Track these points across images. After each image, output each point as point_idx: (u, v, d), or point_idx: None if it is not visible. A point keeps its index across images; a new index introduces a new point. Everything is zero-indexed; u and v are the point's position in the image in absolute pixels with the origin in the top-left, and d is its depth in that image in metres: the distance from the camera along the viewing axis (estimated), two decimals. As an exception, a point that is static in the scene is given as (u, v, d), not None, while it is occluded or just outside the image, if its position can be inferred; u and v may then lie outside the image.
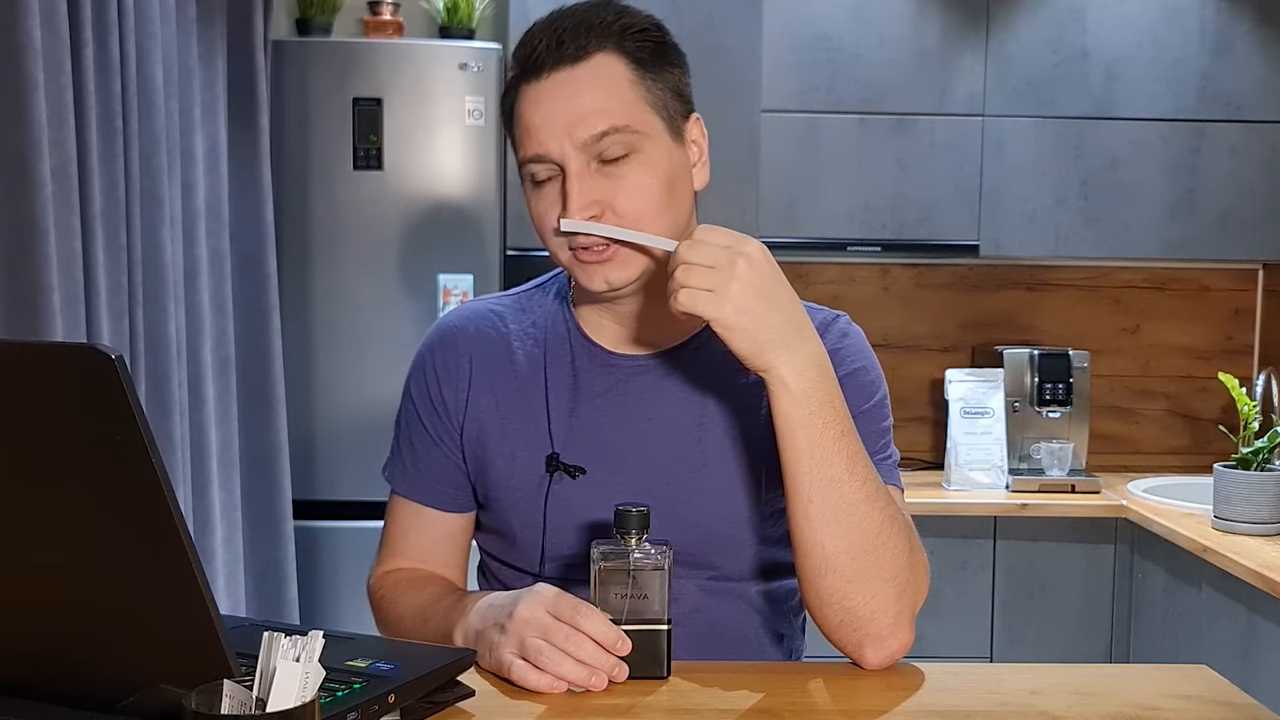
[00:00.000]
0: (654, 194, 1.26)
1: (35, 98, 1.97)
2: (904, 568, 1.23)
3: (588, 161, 1.25)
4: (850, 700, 1.17)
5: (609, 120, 1.24)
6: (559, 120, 1.24)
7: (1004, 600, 3.22)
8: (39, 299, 2.00)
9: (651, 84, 1.28)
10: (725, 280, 1.16)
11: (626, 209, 1.25)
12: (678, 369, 1.37)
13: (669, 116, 1.29)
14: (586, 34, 1.25)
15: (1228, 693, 1.19)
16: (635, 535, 1.18)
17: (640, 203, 1.26)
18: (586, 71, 1.25)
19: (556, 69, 1.25)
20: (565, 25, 1.26)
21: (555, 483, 1.34)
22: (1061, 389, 3.37)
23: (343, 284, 3.07)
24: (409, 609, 1.36)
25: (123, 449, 0.87)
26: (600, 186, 1.25)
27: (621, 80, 1.26)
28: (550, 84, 1.25)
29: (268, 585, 2.94)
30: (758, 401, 1.35)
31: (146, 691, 0.93)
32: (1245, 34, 3.36)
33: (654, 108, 1.27)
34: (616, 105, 1.25)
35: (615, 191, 1.25)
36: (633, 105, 1.26)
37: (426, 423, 1.41)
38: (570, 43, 1.25)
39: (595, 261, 1.27)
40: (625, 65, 1.27)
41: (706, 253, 1.17)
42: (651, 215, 1.26)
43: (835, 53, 3.33)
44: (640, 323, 1.37)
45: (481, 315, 1.43)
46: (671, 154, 1.29)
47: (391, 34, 3.23)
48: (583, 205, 1.24)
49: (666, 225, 1.28)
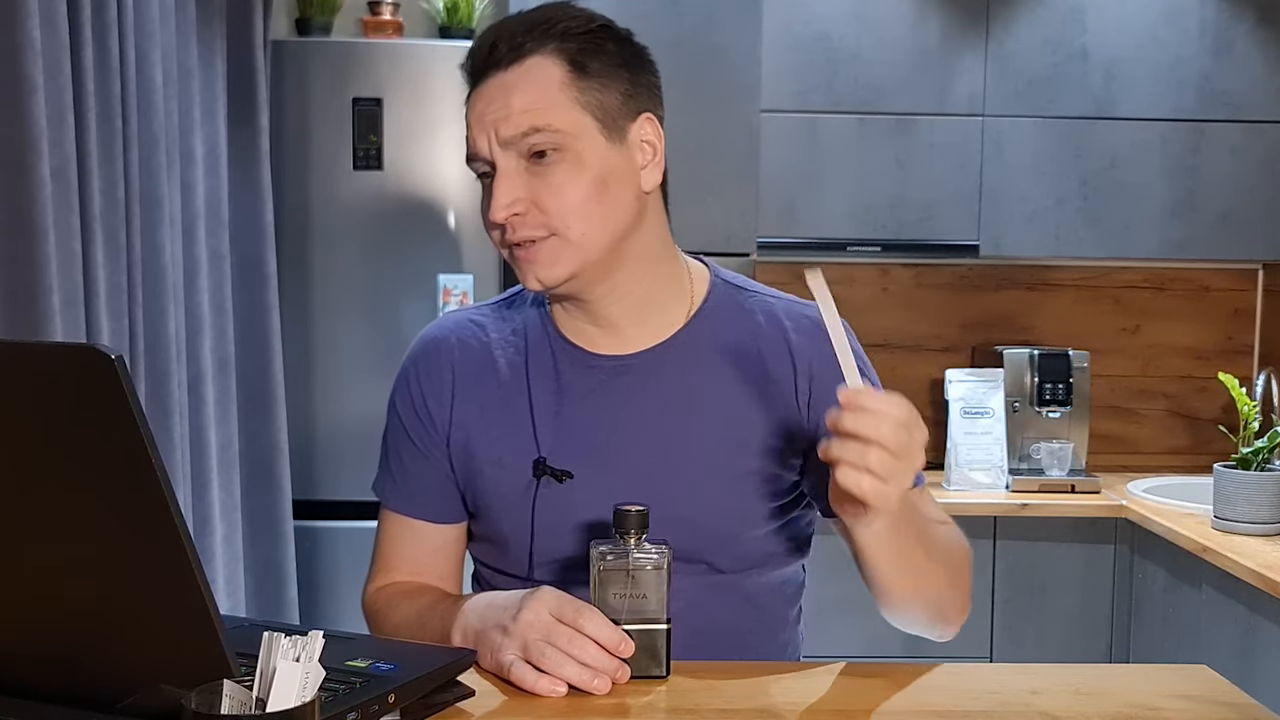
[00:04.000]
0: (580, 192, 1.28)
1: (35, 98, 1.97)
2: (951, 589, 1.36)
3: (516, 160, 1.28)
4: (850, 700, 1.17)
5: (531, 120, 1.27)
6: (489, 120, 1.28)
7: (1004, 600, 3.22)
8: (38, 299, 1.99)
9: (586, 85, 1.29)
10: (906, 471, 1.10)
11: (552, 207, 1.28)
12: (661, 365, 1.37)
13: (605, 117, 1.30)
14: (524, 36, 1.29)
15: (1228, 693, 1.19)
16: (634, 535, 1.18)
17: (565, 201, 1.28)
18: (518, 74, 1.29)
19: (492, 73, 1.29)
20: (505, 29, 1.30)
21: (543, 487, 1.35)
22: (1061, 389, 3.37)
23: (343, 284, 3.07)
24: (405, 619, 1.36)
25: (123, 449, 0.87)
26: (527, 184, 1.28)
27: (552, 82, 1.28)
28: (485, 88, 1.30)
29: (267, 585, 2.94)
30: (743, 390, 1.36)
31: (146, 691, 0.93)
32: (1245, 34, 3.36)
33: (586, 109, 1.29)
34: (542, 105, 1.27)
35: (541, 189, 1.28)
36: (560, 106, 1.28)
37: (413, 436, 1.41)
38: (504, 46, 1.29)
39: (525, 259, 1.30)
40: (560, 67, 1.29)
41: (895, 435, 1.08)
42: (578, 213, 1.28)
43: (835, 53, 3.33)
44: (618, 322, 1.37)
45: (462, 325, 1.44)
46: (606, 155, 1.30)
47: (391, 34, 3.23)
48: (506, 203, 1.28)
49: (599, 224, 1.29)
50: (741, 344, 1.38)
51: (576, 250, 1.29)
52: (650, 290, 1.38)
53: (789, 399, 1.37)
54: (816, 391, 1.36)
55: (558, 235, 1.28)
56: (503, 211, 1.27)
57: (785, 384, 1.37)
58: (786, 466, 1.38)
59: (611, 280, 1.34)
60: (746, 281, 1.46)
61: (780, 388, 1.37)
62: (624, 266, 1.34)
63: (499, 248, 1.33)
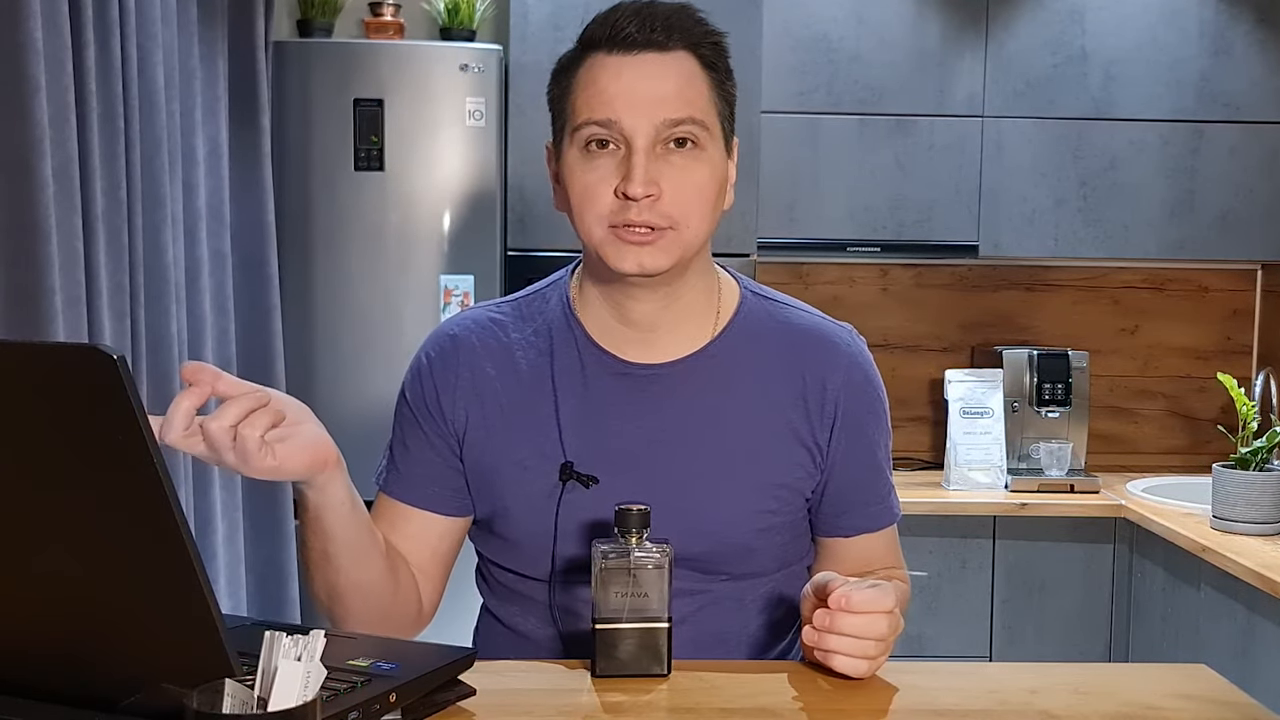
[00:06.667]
0: (706, 192, 1.30)
1: (37, 98, 1.97)
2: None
3: (653, 143, 1.27)
4: (850, 700, 1.17)
5: (688, 110, 1.28)
6: (642, 96, 1.27)
7: (1003, 600, 3.22)
8: (41, 299, 2.00)
9: (721, 91, 1.32)
10: (885, 650, 1.20)
11: (682, 197, 1.28)
12: (692, 376, 1.37)
13: (726, 125, 1.33)
14: (673, 28, 1.29)
15: (1226, 692, 1.19)
16: (636, 534, 1.18)
17: (693, 195, 1.29)
18: (673, 61, 1.29)
19: (647, 49, 1.29)
20: (655, 14, 1.30)
21: (568, 491, 1.34)
22: (1060, 389, 3.37)
23: (344, 285, 3.07)
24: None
25: (124, 449, 0.87)
26: (663, 169, 1.28)
27: (699, 79, 1.30)
28: (639, 61, 1.28)
29: (269, 584, 2.94)
30: (770, 406, 1.37)
31: (148, 691, 0.94)
32: (1244, 34, 3.37)
33: (719, 114, 1.32)
34: (695, 99, 1.29)
35: (674, 178, 1.28)
36: (708, 104, 1.30)
37: (423, 425, 1.40)
38: (660, 31, 1.29)
39: (636, 242, 1.28)
40: (700, 68, 1.31)
41: (888, 628, 1.19)
42: (698, 211, 1.30)
43: (835, 53, 3.33)
44: (657, 328, 1.37)
45: (482, 324, 1.42)
46: (723, 161, 1.33)
47: (392, 35, 3.23)
48: (645, 181, 1.26)
49: (707, 226, 1.31)
50: (770, 359, 1.39)
51: (684, 247, 1.30)
52: (692, 300, 1.38)
53: (814, 418, 1.38)
54: (841, 422, 1.39)
55: (675, 229, 1.28)
56: (642, 188, 1.26)
57: (812, 403, 1.38)
58: (807, 481, 1.39)
59: (672, 286, 1.34)
60: (775, 294, 1.46)
61: (806, 406, 1.38)
62: (685, 275, 1.35)
63: (593, 225, 1.29)
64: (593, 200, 1.29)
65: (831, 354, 1.40)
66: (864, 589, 1.19)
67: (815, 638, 1.20)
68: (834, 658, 1.19)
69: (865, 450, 1.41)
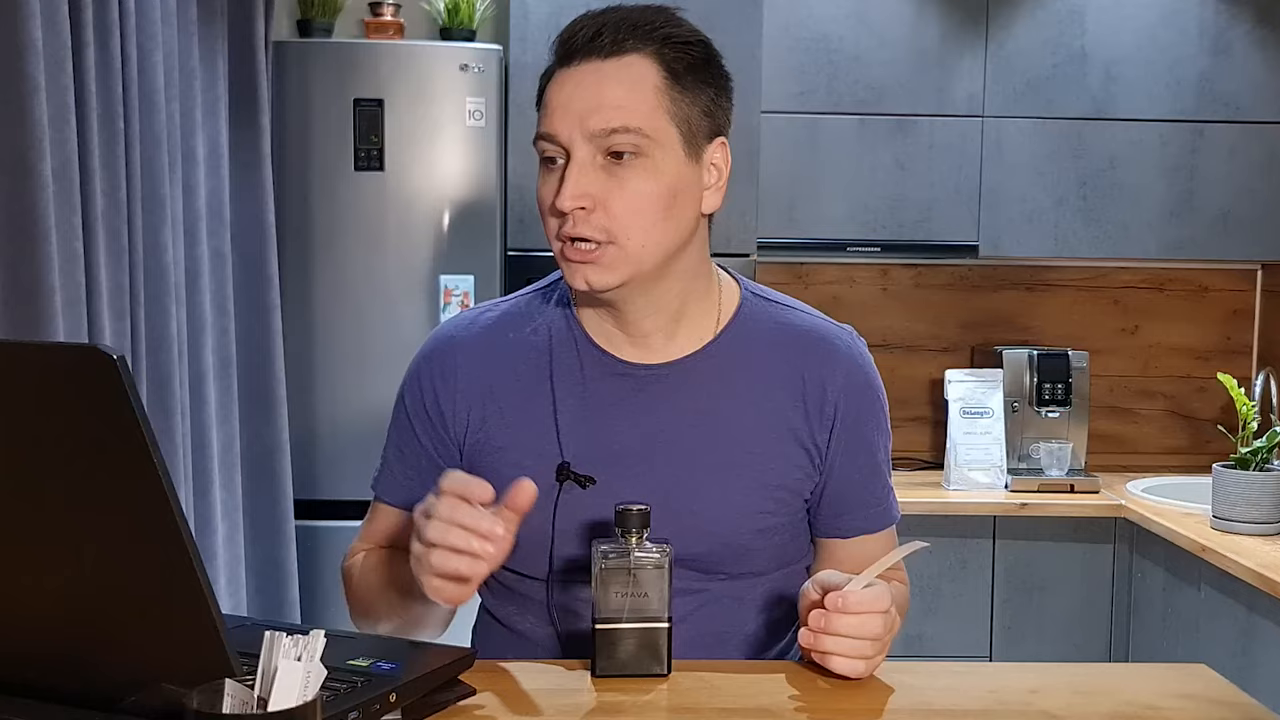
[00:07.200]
0: (650, 201, 1.27)
1: (36, 98, 1.97)
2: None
3: (593, 154, 1.26)
4: (850, 699, 1.18)
5: (622, 119, 1.25)
6: (576, 107, 1.26)
7: (1003, 600, 3.23)
8: (40, 299, 2.00)
9: (678, 96, 1.28)
10: (881, 650, 1.21)
11: (618, 210, 1.26)
12: (690, 377, 1.37)
13: (689, 132, 1.29)
14: (629, 32, 1.27)
15: (1226, 692, 1.20)
16: (636, 534, 1.18)
17: (634, 206, 1.26)
18: (616, 68, 1.27)
19: (588, 59, 1.27)
20: (610, 20, 1.28)
21: (565, 492, 1.34)
22: (1060, 389, 3.37)
23: (344, 284, 3.07)
24: (374, 564, 1.41)
25: (124, 449, 0.87)
26: (598, 181, 1.26)
27: (647, 85, 1.27)
28: (578, 72, 1.27)
29: (269, 585, 2.94)
30: (770, 407, 1.36)
31: (148, 691, 0.94)
32: (1244, 34, 3.37)
33: (674, 119, 1.28)
34: (635, 106, 1.26)
35: (612, 190, 1.26)
36: (652, 111, 1.27)
37: (419, 428, 1.41)
38: (608, 36, 1.27)
39: (579, 260, 1.28)
40: (657, 71, 1.28)
41: (884, 628, 1.20)
42: (643, 222, 1.27)
43: (835, 54, 3.33)
44: (650, 333, 1.37)
45: (480, 325, 1.42)
46: (681, 169, 1.29)
47: (392, 35, 3.23)
48: (575, 194, 1.25)
49: (658, 237, 1.28)
50: (770, 360, 1.39)
51: (631, 261, 1.28)
52: (685, 305, 1.37)
53: (813, 419, 1.38)
54: (841, 423, 1.38)
55: (615, 243, 1.27)
56: (570, 201, 1.25)
57: (812, 404, 1.38)
58: (806, 482, 1.39)
59: (653, 294, 1.33)
60: (775, 295, 1.46)
61: (805, 407, 1.38)
62: (665, 281, 1.33)
63: (552, 239, 1.30)
64: (544, 215, 1.30)
65: (831, 355, 1.39)
66: (860, 590, 1.19)
67: (811, 639, 1.20)
68: (830, 658, 1.20)
69: (864, 452, 1.41)
